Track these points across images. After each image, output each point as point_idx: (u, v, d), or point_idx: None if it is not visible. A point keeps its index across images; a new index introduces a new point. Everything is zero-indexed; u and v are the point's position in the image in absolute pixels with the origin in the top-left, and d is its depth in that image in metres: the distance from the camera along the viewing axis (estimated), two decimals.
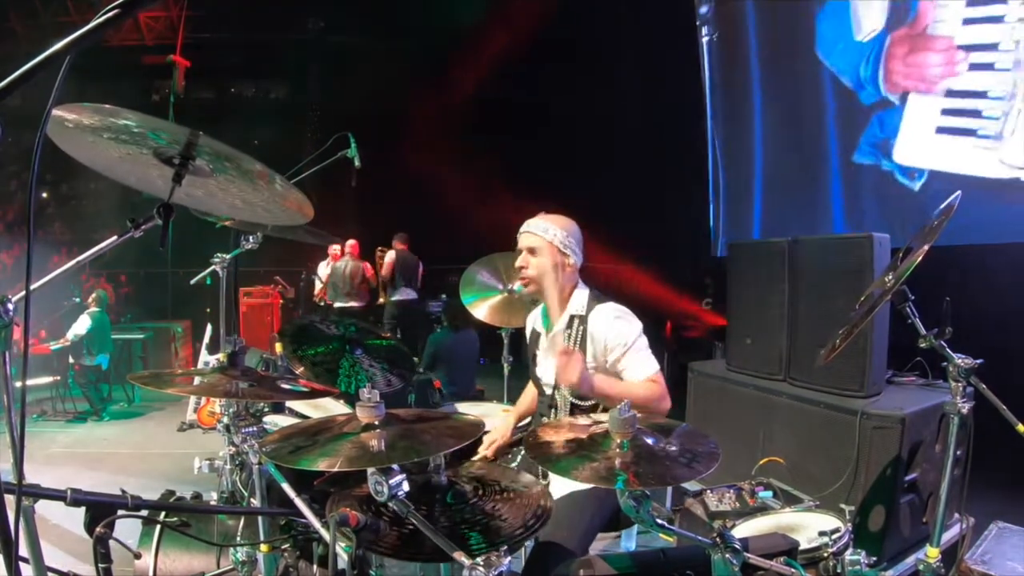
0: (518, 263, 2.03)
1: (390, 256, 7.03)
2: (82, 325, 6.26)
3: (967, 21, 3.35)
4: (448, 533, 1.21)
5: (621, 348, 1.91)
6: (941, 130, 3.56)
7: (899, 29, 3.55)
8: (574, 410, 1.96)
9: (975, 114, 3.43)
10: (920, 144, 3.65)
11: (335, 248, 6.97)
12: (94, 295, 6.55)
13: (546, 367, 2.09)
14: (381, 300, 7.21)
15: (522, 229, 2.04)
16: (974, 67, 3.42)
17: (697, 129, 6.93)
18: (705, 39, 3.21)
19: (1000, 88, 3.29)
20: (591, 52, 8.90)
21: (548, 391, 2.07)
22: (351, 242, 7.05)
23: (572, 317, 1.99)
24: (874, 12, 3.77)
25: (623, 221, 8.11)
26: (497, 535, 1.29)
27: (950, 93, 3.45)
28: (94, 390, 6.32)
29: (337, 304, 6.87)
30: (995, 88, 3.30)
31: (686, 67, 6.85)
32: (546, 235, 1.97)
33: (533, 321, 2.23)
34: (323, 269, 7.18)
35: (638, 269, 8.63)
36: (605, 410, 1.90)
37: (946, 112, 3.54)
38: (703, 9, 3.26)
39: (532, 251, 2.00)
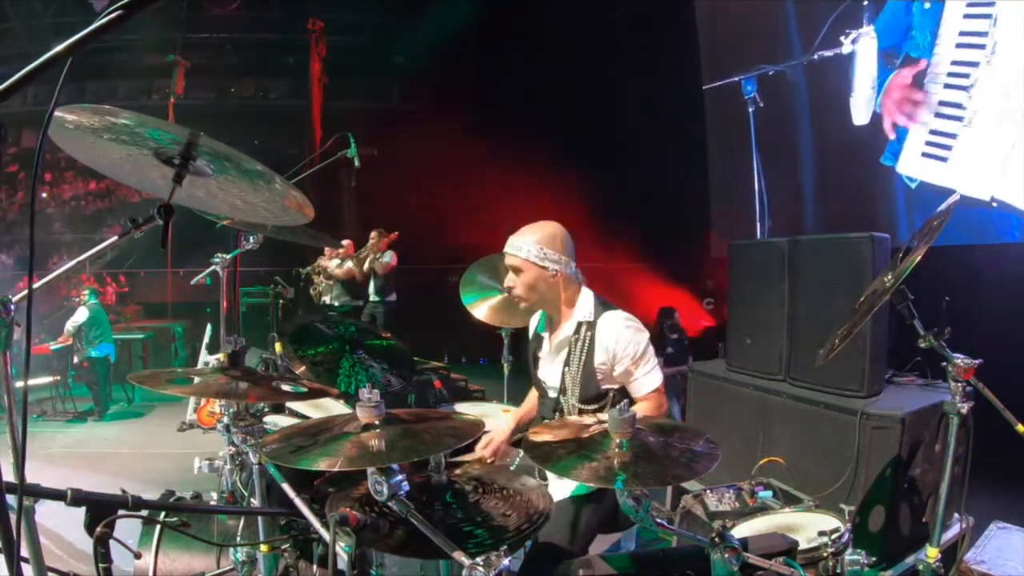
0: (506, 283, 2.05)
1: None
2: (80, 315, 6.29)
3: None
4: (448, 532, 1.21)
5: (630, 359, 1.92)
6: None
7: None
8: (581, 414, 1.96)
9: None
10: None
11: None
12: (87, 290, 6.58)
13: (549, 371, 2.09)
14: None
15: (504, 250, 2.05)
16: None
17: (699, 129, 6.94)
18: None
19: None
20: (592, 52, 8.91)
21: (552, 394, 2.07)
22: (346, 242, 6.98)
23: (580, 323, 1.99)
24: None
25: (625, 220, 8.14)
26: (497, 533, 1.29)
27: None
28: (105, 384, 6.33)
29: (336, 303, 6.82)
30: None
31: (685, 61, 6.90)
32: (520, 253, 1.98)
33: (534, 324, 2.23)
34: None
35: (642, 268, 8.65)
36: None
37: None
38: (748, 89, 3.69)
39: (515, 270, 2.02)
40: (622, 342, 1.92)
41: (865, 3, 4.68)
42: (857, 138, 4.82)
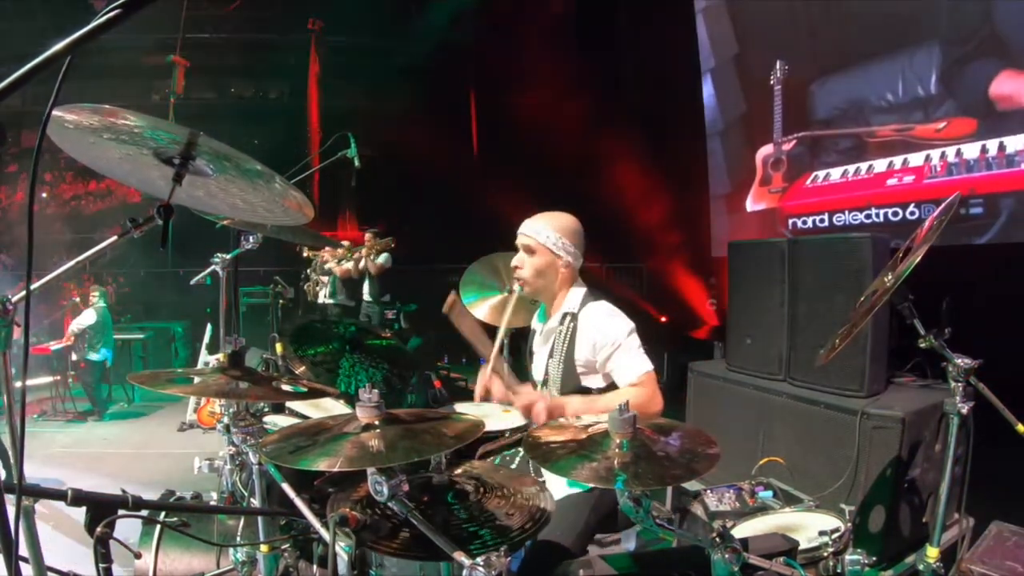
0: (513, 263, 2.05)
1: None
2: (88, 317, 6.26)
3: None
4: (449, 532, 1.21)
5: (610, 347, 1.89)
6: None
7: None
8: None
9: None
10: None
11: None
12: (96, 292, 6.54)
13: (538, 363, 2.12)
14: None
15: (519, 230, 2.05)
16: None
17: (700, 131, 6.95)
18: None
19: None
20: (591, 51, 8.91)
21: (537, 387, 2.08)
22: (346, 242, 6.97)
23: (565, 315, 2.00)
24: None
25: (627, 220, 8.13)
26: (500, 533, 1.29)
27: None
28: (98, 387, 6.32)
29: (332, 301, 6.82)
30: None
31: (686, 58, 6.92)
32: (538, 237, 1.98)
33: (533, 318, 2.25)
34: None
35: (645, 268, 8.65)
36: None
37: None
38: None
39: (527, 251, 2.01)
40: (602, 330, 1.91)
41: None
42: None
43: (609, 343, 1.89)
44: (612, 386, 1.94)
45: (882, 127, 4.96)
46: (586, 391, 1.96)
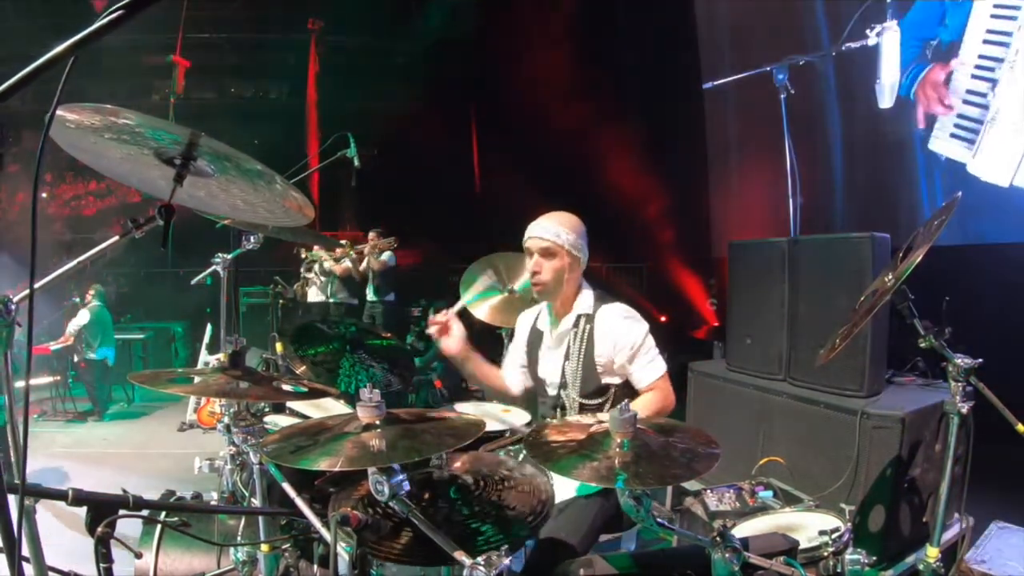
0: (531, 268, 1.99)
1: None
2: (82, 317, 6.27)
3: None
4: (452, 530, 1.21)
5: (629, 350, 1.92)
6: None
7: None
8: (583, 410, 1.96)
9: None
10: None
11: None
12: (93, 290, 6.54)
13: (549, 366, 2.09)
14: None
15: (531, 233, 2.00)
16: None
17: (700, 130, 6.95)
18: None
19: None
20: (591, 50, 8.91)
21: (552, 391, 2.07)
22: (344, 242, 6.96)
23: (579, 316, 1.99)
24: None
25: (627, 220, 8.13)
26: (505, 527, 1.29)
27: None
28: (100, 387, 6.32)
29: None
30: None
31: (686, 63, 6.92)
32: (557, 239, 1.95)
33: (531, 320, 2.22)
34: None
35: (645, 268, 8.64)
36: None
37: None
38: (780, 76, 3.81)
39: (545, 255, 1.97)
40: (621, 333, 1.92)
41: (888, 0, 5.02)
42: (883, 122, 5.19)
43: (628, 346, 1.92)
44: (627, 383, 1.97)
45: None
46: (606, 389, 1.98)
